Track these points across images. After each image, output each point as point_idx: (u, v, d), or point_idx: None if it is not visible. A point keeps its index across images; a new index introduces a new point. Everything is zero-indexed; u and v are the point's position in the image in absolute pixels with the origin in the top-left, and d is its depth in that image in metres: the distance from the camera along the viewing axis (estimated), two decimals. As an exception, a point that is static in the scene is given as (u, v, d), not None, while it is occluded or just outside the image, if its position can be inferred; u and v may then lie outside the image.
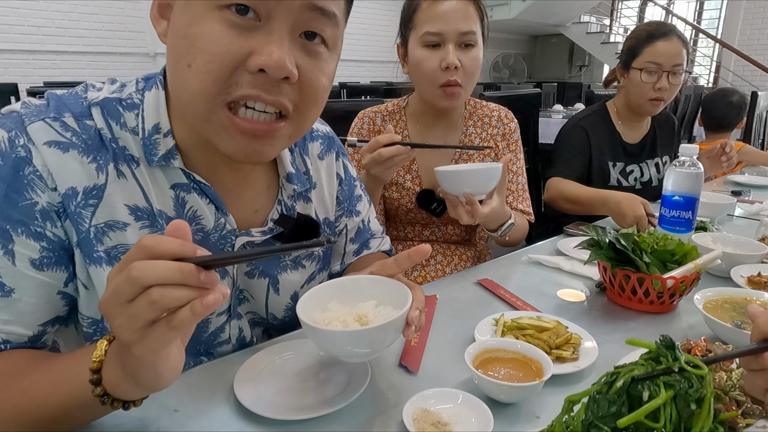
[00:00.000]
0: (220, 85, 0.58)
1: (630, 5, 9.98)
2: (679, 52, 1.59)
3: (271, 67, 0.57)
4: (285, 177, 0.79)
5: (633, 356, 0.70)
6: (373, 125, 1.34)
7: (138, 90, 0.68)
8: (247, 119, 0.60)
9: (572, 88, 7.32)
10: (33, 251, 0.60)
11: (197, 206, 0.70)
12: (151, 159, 0.65)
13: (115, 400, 0.51)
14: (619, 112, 1.77)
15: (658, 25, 1.66)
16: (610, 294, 0.97)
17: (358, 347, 0.61)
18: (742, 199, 1.76)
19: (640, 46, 1.62)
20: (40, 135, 0.60)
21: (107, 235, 0.64)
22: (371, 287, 0.68)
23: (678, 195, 1.12)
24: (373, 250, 0.99)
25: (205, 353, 0.77)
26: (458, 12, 1.18)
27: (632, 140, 1.77)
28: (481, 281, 1.03)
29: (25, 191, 0.59)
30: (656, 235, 0.98)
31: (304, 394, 0.66)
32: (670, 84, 1.60)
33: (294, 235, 0.78)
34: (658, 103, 1.64)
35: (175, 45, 0.60)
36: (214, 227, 0.72)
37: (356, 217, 0.95)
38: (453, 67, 1.19)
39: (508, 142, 1.37)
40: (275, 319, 0.83)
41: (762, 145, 3.75)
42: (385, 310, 0.64)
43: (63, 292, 0.64)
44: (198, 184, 0.69)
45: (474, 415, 0.59)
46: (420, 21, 1.21)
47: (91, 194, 0.63)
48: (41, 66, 5.48)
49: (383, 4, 8.46)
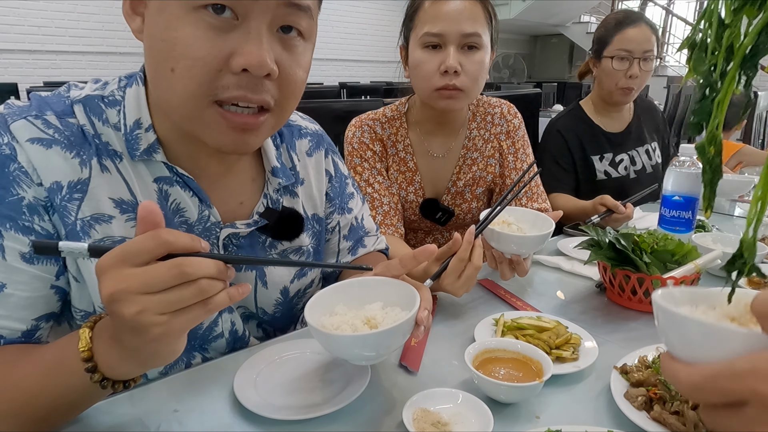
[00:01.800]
0: (206, 87, 0.59)
1: (630, 5, 9.97)
2: (649, 38, 1.61)
3: (254, 66, 0.58)
4: (270, 171, 0.80)
5: (633, 356, 0.70)
6: (374, 133, 1.29)
7: (120, 87, 0.70)
8: (238, 114, 0.62)
9: (572, 88, 7.31)
10: (22, 245, 0.61)
11: (180, 199, 0.71)
12: (133, 153, 0.67)
13: (115, 382, 0.53)
14: (595, 106, 1.78)
15: (626, 13, 1.68)
16: (610, 294, 0.97)
17: (369, 350, 0.61)
18: (742, 199, 1.76)
19: (610, 35, 1.64)
20: (22, 133, 0.62)
21: (93, 228, 0.65)
22: (377, 289, 0.68)
23: (678, 195, 1.12)
24: (369, 249, 0.99)
25: (199, 348, 0.77)
26: (463, 12, 1.12)
27: (615, 129, 1.77)
28: (481, 281, 1.03)
29: (11, 187, 0.61)
30: (656, 235, 0.98)
31: (304, 394, 0.65)
32: (641, 71, 1.61)
33: (278, 228, 0.79)
34: (629, 92, 1.66)
35: (154, 47, 0.61)
36: (198, 219, 0.72)
37: (348, 215, 0.95)
38: (452, 71, 1.12)
39: (513, 140, 1.34)
40: (265, 313, 0.83)
41: (762, 145, 3.75)
42: (393, 311, 0.64)
43: (56, 287, 0.65)
44: (181, 177, 0.70)
45: (474, 415, 0.59)
46: (421, 21, 1.16)
47: (75, 188, 0.64)
48: (41, 66, 5.48)
49: (383, 4, 8.47)
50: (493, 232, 0.92)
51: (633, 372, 0.66)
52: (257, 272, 0.80)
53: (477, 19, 1.13)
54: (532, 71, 10.77)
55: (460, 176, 1.34)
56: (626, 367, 0.67)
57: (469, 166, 1.34)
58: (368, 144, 1.28)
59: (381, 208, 1.25)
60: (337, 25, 8.06)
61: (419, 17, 1.17)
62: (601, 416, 0.63)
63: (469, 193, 1.36)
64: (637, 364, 0.68)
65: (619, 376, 0.67)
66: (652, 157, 1.82)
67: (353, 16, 8.33)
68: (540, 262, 1.15)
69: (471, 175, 1.34)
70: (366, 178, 1.26)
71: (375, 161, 1.28)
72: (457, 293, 0.87)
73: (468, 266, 0.85)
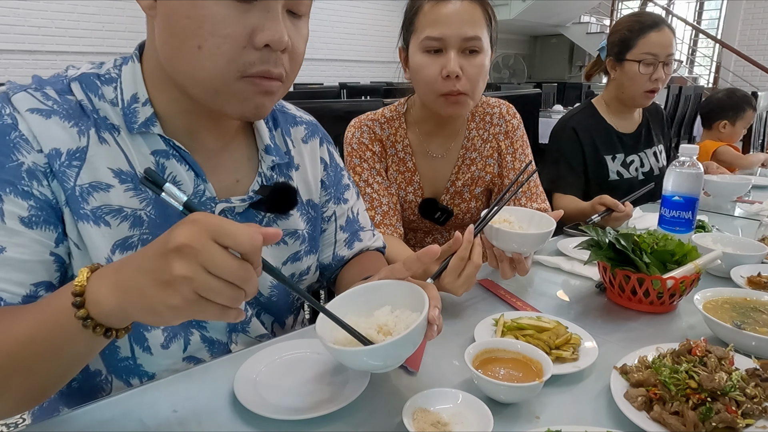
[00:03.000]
0: (234, 63, 0.63)
1: (630, 5, 9.97)
2: (671, 42, 1.62)
3: (275, 41, 0.63)
4: (264, 150, 0.82)
5: (633, 357, 0.70)
6: (373, 134, 1.29)
7: (115, 66, 0.73)
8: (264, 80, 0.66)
9: (572, 88, 7.32)
10: (22, 209, 0.62)
11: (176, 172, 0.72)
12: (131, 126, 0.69)
13: (98, 326, 0.52)
14: (609, 106, 1.77)
15: (648, 16, 1.68)
16: (610, 294, 0.97)
17: (387, 360, 0.61)
18: (742, 199, 1.76)
19: (633, 38, 1.63)
20: (23, 103, 0.64)
21: (92, 195, 0.67)
22: (384, 292, 0.68)
23: (678, 195, 1.12)
24: (365, 243, 0.99)
25: (197, 325, 0.78)
26: (462, 15, 1.11)
27: (627, 130, 1.77)
28: (481, 281, 1.03)
29: (12, 153, 0.63)
30: (656, 235, 0.98)
31: (304, 394, 0.65)
32: (664, 74, 1.62)
33: (272, 201, 0.81)
34: (653, 95, 1.66)
35: (177, 25, 0.63)
36: (193, 193, 0.74)
37: (344, 205, 0.97)
38: (454, 75, 1.12)
39: (512, 140, 1.34)
40: (261, 294, 0.84)
41: (762, 146, 3.75)
42: (402, 314, 0.64)
43: (55, 254, 0.66)
44: (177, 150, 0.72)
45: (474, 415, 0.59)
46: (421, 24, 1.15)
47: (74, 156, 0.66)
48: (41, 66, 5.47)
49: (383, 4, 8.46)
50: (495, 230, 0.92)
51: (633, 372, 0.66)
52: None
53: (477, 23, 1.13)
54: (532, 71, 10.77)
55: (459, 176, 1.34)
56: (626, 368, 0.67)
57: (468, 166, 1.34)
58: (367, 144, 1.28)
59: (380, 208, 1.25)
60: (337, 26, 8.06)
61: (419, 20, 1.16)
62: (600, 416, 0.63)
63: (467, 193, 1.36)
64: (637, 364, 0.68)
65: (619, 376, 0.67)
66: (659, 159, 1.82)
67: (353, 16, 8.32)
68: (540, 262, 1.15)
69: (470, 175, 1.35)
70: (365, 178, 1.26)
71: (374, 162, 1.28)
72: (457, 292, 0.87)
73: (468, 265, 0.85)
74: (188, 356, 0.78)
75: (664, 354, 0.69)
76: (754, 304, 0.85)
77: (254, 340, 0.84)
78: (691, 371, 0.62)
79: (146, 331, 0.73)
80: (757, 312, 0.83)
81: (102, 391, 0.76)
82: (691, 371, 0.62)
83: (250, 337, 0.83)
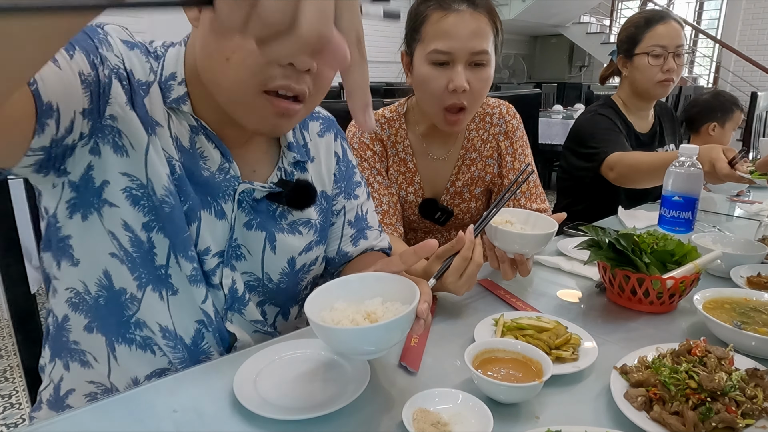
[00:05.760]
0: (257, 76, 0.66)
1: (630, 5, 9.98)
2: (679, 33, 1.62)
3: (299, 62, 0.65)
4: (286, 146, 0.86)
5: (632, 357, 0.70)
6: (374, 134, 1.29)
7: (163, 45, 0.77)
8: (282, 100, 0.69)
9: (572, 88, 7.33)
10: (84, 68, 0.63)
11: (204, 148, 0.77)
12: (165, 99, 0.73)
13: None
14: (625, 104, 1.78)
15: (653, 11, 1.70)
16: (610, 294, 0.97)
17: (370, 344, 0.61)
18: (742, 200, 1.76)
19: (640, 33, 1.64)
20: (113, 32, 0.71)
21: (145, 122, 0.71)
22: (377, 284, 0.68)
23: (678, 195, 1.12)
24: (370, 242, 1.00)
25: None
26: (470, 27, 1.09)
27: (643, 129, 1.79)
28: (481, 281, 1.03)
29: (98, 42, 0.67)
30: (656, 235, 0.98)
31: (304, 394, 0.65)
32: (676, 65, 1.62)
33: (293, 196, 0.84)
34: (668, 84, 1.66)
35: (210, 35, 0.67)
36: (218, 169, 0.78)
37: (354, 200, 0.99)
38: (461, 90, 1.11)
39: (512, 140, 1.34)
40: (270, 280, 0.85)
41: (762, 146, 3.75)
42: (393, 306, 0.64)
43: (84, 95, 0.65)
44: (205, 130, 0.76)
45: (474, 415, 0.59)
46: (428, 35, 1.12)
47: (142, 87, 0.71)
48: (41, 66, 5.47)
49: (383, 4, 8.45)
50: (497, 230, 0.92)
51: (633, 372, 0.66)
52: (267, 235, 0.83)
53: (485, 36, 1.12)
54: (532, 72, 10.77)
55: (459, 176, 1.35)
56: (626, 368, 0.67)
57: (468, 167, 1.34)
58: (368, 144, 1.28)
59: (380, 208, 1.25)
60: (337, 26, 8.05)
61: (426, 30, 1.14)
62: (600, 416, 0.63)
63: (467, 193, 1.37)
64: (637, 364, 0.68)
65: (619, 376, 0.67)
66: None
67: (353, 16, 8.31)
68: (540, 262, 1.15)
69: (470, 175, 1.35)
70: (366, 177, 1.26)
71: (375, 161, 1.28)
72: (459, 292, 0.87)
73: (470, 264, 0.86)
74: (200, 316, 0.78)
75: (664, 354, 0.69)
76: (753, 304, 0.86)
77: (249, 324, 0.84)
78: (691, 371, 0.62)
79: None
80: (756, 312, 0.83)
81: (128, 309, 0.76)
82: (691, 371, 0.62)
83: (245, 320, 0.84)
